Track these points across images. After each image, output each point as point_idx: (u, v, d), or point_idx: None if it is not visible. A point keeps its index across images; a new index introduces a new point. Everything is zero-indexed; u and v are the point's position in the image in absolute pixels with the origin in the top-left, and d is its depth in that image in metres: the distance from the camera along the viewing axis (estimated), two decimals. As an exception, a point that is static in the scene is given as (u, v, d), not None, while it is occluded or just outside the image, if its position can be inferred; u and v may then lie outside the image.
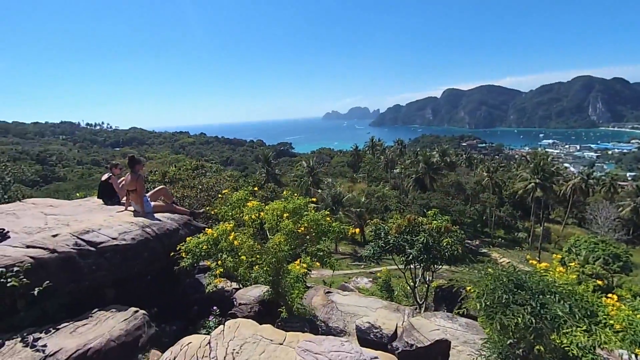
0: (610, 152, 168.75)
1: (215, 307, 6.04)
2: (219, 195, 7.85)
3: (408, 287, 14.17)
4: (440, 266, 12.23)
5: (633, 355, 4.17)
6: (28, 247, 4.88)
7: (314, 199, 6.02)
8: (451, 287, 5.87)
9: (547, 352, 3.98)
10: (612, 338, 4.20)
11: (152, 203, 6.84)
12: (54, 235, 5.18)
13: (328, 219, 5.60)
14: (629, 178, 77.37)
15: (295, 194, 5.94)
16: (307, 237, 5.55)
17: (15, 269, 4.38)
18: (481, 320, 3.78)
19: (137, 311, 4.81)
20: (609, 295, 5.32)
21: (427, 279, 13.08)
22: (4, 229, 5.17)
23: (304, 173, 54.80)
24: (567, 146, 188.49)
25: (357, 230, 5.87)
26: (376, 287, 18.55)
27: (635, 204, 46.18)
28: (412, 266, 12.61)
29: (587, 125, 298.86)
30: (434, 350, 4.94)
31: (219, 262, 5.15)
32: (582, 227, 50.96)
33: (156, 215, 6.69)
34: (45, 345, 3.91)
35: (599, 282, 6.05)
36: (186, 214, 7.24)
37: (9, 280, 4.22)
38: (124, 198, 6.88)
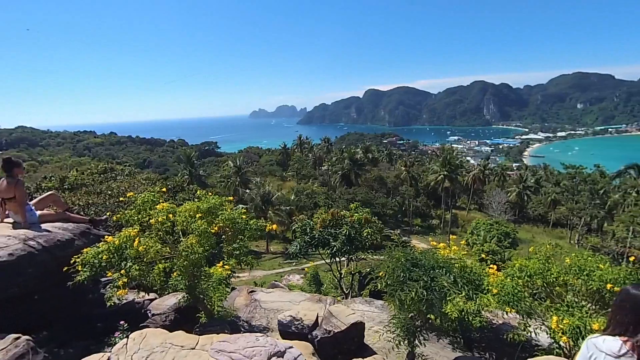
0: (501, 147, 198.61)
1: (122, 322, 5.51)
2: (121, 199, 7.11)
3: (335, 279, 14.78)
4: (363, 255, 12.98)
5: (505, 313, 5.03)
6: None
7: (231, 198, 5.87)
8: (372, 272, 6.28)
9: (437, 319, 4.57)
10: (491, 301, 4.99)
11: (38, 212, 5.92)
12: None
13: (244, 216, 5.52)
14: (515, 168, 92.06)
15: (209, 194, 5.72)
16: (223, 236, 5.40)
17: None
18: (385, 299, 4.17)
19: (18, 337, 4.13)
20: (491, 265, 6.28)
21: (352, 269, 13.82)
22: None
23: (231, 173, 52.94)
24: (468, 142, 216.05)
25: (275, 226, 5.90)
26: (305, 282, 18.95)
27: (519, 189, 55.14)
28: (337, 259, 13.19)
29: (483, 124, 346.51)
30: (351, 333, 5.25)
31: (123, 271, 4.69)
32: (481, 212, 59.00)
33: (45, 225, 5.81)
34: None
35: (484, 256, 7.13)
36: (84, 222, 6.42)
37: None
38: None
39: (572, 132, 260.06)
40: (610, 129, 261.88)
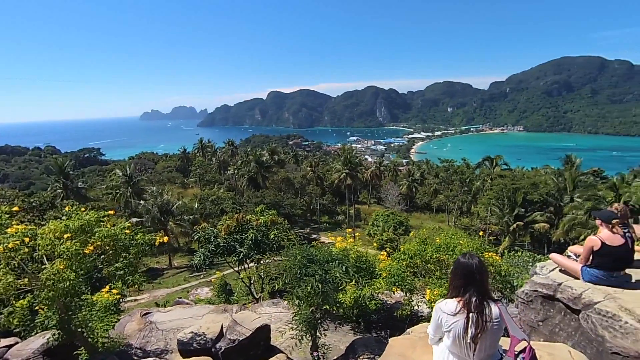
0: (393, 145, 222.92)
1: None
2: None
3: (245, 285, 14.39)
4: (271, 257, 12.92)
5: (392, 293, 5.71)
6: None
7: (112, 212, 5.19)
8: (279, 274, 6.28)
9: (340, 308, 4.90)
10: (382, 284, 5.57)
11: None
12: None
13: (128, 231, 4.94)
14: (404, 164, 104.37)
15: (83, 209, 4.94)
16: (102, 256, 4.74)
17: None
18: (285, 297, 4.28)
19: None
20: (382, 252, 6.99)
21: (261, 273, 13.65)
22: None
23: (120, 183, 46.58)
24: (366, 141, 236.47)
25: (166, 238, 5.45)
26: (214, 294, 17.96)
27: (409, 182, 62.84)
28: (245, 264, 12.86)
29: (377, 125, 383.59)
30: (257, 338, 5.22)
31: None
32: (380, 204, 65.15)
33: None
34: None
35: (376, 245, 7.96)
36: None
37: None
38: None
39: (446, 131, 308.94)
40: (472, 129, 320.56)
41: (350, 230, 6.60)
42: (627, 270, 4.10)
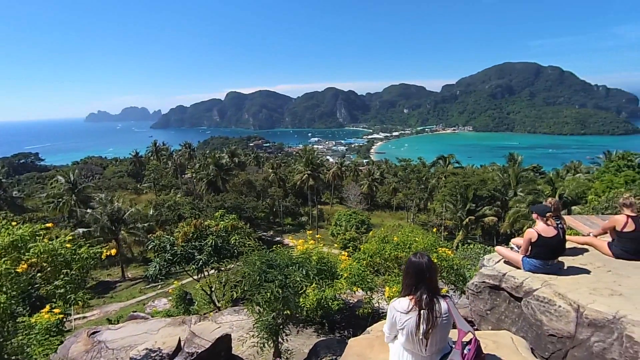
0: (353, 146, 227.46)
1: None
2: None
3: (206, 294, 13.88)
4: (231, 263, 12.61)
5: (353, 292, 5.82)
6: None
7: (50, 225, 4.74)
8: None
9: (303, 311, 4.89)
10: (344, 284, 5.65)
11: None
12: None
13: (69, 245, 4.54)
14: (365, 164, 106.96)
15: (14, 223, 4.46)
16: (39, 274, 4.31)
17: None
18: (245, 304, 4.19)
19: None
20: (343, 252, 7.10)
21: (222, 280, 13.25)
22: None
23: (63, 191, 42.88)
24: (327, 142, 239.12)
25: (114, 251, 5.09)
26: (172, 305, 17.11)
27: (369, 182, 64.50)
28: (206, 272, 12.41)
29: (337, 126, 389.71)
30: (217, 348, 5.05)
31: None
32: (342, 204, 66.14)
33: None
34: None
35: (336, 245, 8.08)
36: None
37: None
38: None
39: (403, 131, 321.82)
40: (426, 129, 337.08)
41: (310, 231, 6.63)
42: (560, 258, 4.55)
